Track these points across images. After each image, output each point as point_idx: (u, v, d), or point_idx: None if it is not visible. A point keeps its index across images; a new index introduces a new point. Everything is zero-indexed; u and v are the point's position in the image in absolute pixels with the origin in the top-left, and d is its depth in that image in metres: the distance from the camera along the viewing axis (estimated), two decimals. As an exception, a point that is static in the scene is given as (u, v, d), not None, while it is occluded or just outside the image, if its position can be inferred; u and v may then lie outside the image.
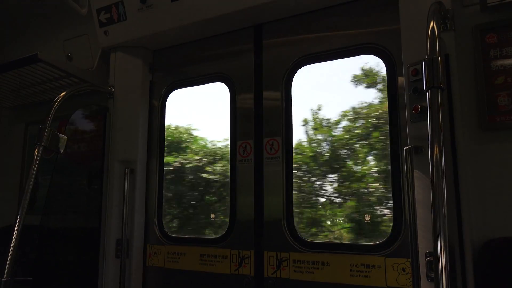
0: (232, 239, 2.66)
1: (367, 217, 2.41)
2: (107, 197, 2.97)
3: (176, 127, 3.36)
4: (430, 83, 1.60)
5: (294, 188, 2.56)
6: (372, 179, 2.46)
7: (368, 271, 2.21)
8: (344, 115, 2.60)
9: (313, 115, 2.72)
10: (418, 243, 1.87)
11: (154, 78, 3.17)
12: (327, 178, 2.64)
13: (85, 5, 3.05)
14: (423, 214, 1.87)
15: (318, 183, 2.66)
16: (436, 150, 1.51)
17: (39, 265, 3.10)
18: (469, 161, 1.93)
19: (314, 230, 2.64)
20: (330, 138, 2.66)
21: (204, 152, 3.24)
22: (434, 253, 1.40)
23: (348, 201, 2.56)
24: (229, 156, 2.77)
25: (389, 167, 2.28)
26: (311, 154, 2.69)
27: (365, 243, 2.32)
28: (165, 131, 3.14)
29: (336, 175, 2.61)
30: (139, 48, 3.11)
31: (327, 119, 2.67)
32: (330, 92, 2.70)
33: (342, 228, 2.60)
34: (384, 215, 2.40)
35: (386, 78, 2.34)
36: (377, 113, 2.48)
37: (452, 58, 1.93)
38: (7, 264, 2.23)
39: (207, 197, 3.12)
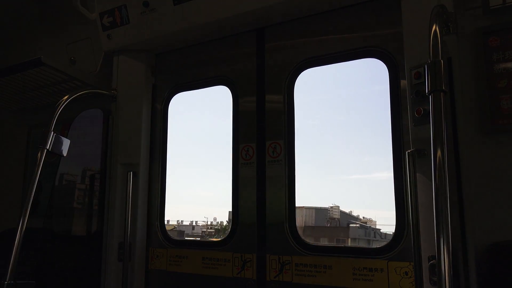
0: (234, 242, 2.65)
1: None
2: (110, 200, 2.98)
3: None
4: (433, 86, 1.60)
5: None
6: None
7: (371, 274, 2.20)
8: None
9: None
10: (421, 246, 1.87)
11: (156, 81, 3.18)
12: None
13: (94, 10, 3.06)
14: (426, 217, 1.87)
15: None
16: (438, 153, 1.50)
17: (42, 268, 3.10)
18: (472, 164, 1.92)
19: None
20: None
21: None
22: (437, 256, 1.40)
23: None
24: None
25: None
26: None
27: (368, 247, 2.31)
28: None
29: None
30: (142, 52, 3.12)
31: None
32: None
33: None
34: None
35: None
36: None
37: (455, 61, 1.93)
38: (9, 267, 2.23)
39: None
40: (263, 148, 2.63)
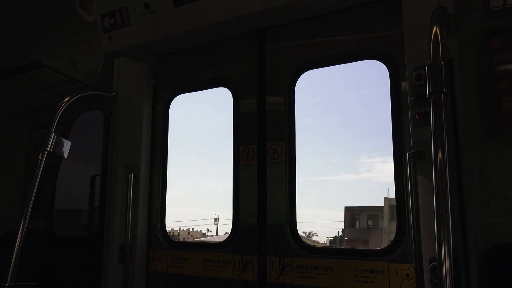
0: (235, 244, 2.65)
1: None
2: (110, 202, 2.98)
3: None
4: (434, 88, 1.60)
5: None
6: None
7: (371, 276, 2.20)
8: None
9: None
10: (422, 248, 1.86)
11: (157, 83, 3.18)
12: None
13: (93, 12, 3.07)
14: (427, 219, 1.86)
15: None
16: (439, 155, 1.50)
17: (43, 270, 3.10)
18: (472, 166, 1.92)
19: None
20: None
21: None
22: (438, 258, 1.39)
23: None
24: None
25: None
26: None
27: (369, 249, 2.31)
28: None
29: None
30: (143, 53, 3.13)
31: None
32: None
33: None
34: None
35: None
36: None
37: (456, 63, 1.93)
38: (10, 269, 2.23)
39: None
40: (264, 149, 2.63)
